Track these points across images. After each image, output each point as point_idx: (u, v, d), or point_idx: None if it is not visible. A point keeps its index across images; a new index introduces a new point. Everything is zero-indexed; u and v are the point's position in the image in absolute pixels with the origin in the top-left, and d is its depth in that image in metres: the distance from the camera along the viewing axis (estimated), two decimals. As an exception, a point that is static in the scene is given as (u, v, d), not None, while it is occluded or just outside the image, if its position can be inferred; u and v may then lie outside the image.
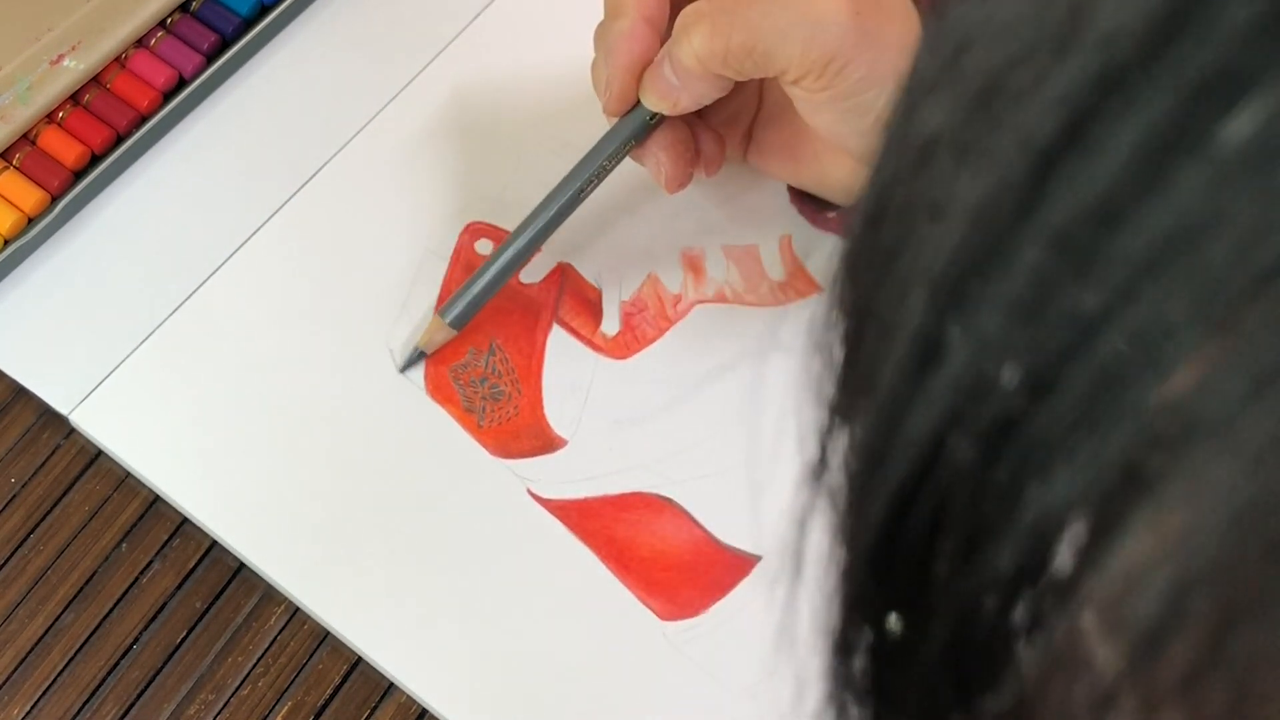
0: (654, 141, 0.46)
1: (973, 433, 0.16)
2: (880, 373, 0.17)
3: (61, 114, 0.52)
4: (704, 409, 0.48)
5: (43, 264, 0.51)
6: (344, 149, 0.53)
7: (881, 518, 0.17)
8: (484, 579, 0.45)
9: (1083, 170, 0.15)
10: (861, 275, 0.18)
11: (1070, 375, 0.15)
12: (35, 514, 0.47)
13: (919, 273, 0.17)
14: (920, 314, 0.16)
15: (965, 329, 0.16)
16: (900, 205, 0.17)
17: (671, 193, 0.47)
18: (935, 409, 0.16)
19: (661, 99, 0.45)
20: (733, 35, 0.42)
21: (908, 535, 0.17)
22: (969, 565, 0.16)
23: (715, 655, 0.44)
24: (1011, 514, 0.16)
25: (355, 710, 0.45)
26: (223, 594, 0.46)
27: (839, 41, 0.41)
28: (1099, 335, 0.15)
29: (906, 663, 0.18)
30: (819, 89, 0.42)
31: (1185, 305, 0.14)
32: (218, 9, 0.55)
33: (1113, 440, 0.15)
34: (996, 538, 0.16)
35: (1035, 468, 0.15)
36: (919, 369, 0.16)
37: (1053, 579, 0.15)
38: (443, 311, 0.47)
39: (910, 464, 0.17)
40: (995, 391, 0.16)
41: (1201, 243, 0.14)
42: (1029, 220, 0.15)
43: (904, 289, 0.17)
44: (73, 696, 0.44)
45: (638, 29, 0.44)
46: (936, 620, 0.17)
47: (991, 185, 0.16)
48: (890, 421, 0.17)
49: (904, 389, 0.17)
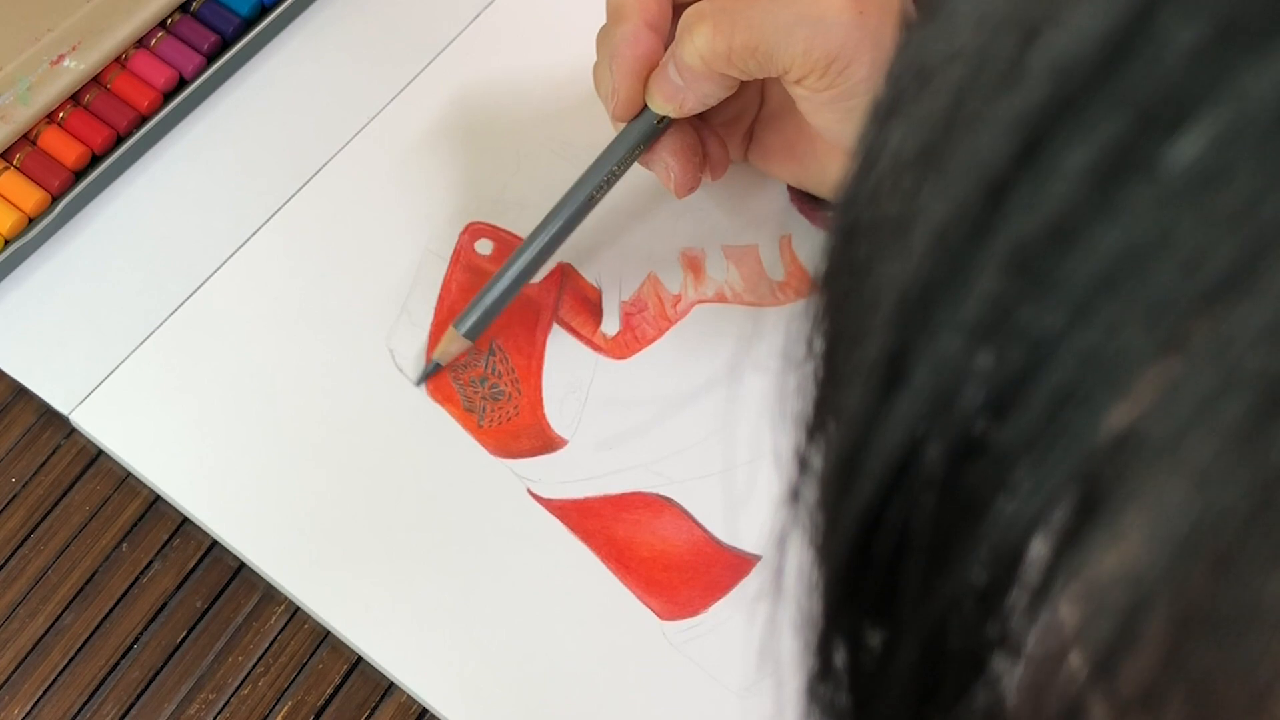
0: (662, 146, 0.46)
1: (938, 451, 0.16)
2: (850, 390, 0.18)
3: (62, 114, 0.52)
4: (704, 409, 0.48)
5: (43, 264, 0.51)
6: (344, 149, 0.53)
7: (853, 534, 0.18)
8: (484, 579, 0.45)
9: (1035, 194, 0.15)
10: (835, 291, 0.18)
11: (1028, 395, 0.15)
12: (35, 514, 0.47)
13: (886, 291, 0.17)
14: (886, 333, 0.17)
15: (927, 349, 0.16)
16: (870, 223, 0.18)
17: (681, 197, 0.47)
18: (901, 427, 0.17)
19: (667, 101, 0.45)
20: (735, 34, 0.42)
21: (879, 551, 0.17)
22: (939, 580, 0.17)
23: (715, 655, 0.44)
24: (977, 530, 0.16)
25: (355, 710, 0.45)
26: (223, 594, 0.46)
27: (841, 41, 0.41)
28: (1054, 356, 0.15)
29: (883, 676, 0.18)
30: (821, 88, 0.42)
31: (1135, 326, 0.14)
32: (218, 9, 0.55)
33: (1068, 460, 0.15)
34: (964, 553, 0.16)
35: (998, 486, 0.16)
36: (885, 387, 0.17)
37: (1020, 593, 0.16)
38: (457, 323, 0.47)
39: (879, 480, 0.17)
40: (958, 410, 0.16)
41: (1149, 264, 0.14)
42: (985, 243, 0.16)
43: (872, 307, 0.17)
44: (73, 696, 0.44)
45: (640, 33, 0.44)
46: (909, 634, 0.17)
47: (950, 208, 0.16)
48: (859, 438, 0.17)
49: (871, 406, 0.17)
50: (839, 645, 0.19)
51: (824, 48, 0.41)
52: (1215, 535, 0.14)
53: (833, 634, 0.19)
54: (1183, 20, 0.14)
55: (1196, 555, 0.14)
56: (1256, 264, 0.14)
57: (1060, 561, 0.15)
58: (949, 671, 0.17)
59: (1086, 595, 0.15)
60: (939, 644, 0.17)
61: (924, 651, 0.17)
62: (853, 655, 0.19)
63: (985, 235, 0.16)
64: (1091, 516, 0.15)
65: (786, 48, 0.42)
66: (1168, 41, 0.14)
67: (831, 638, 0.19)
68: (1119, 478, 0.14)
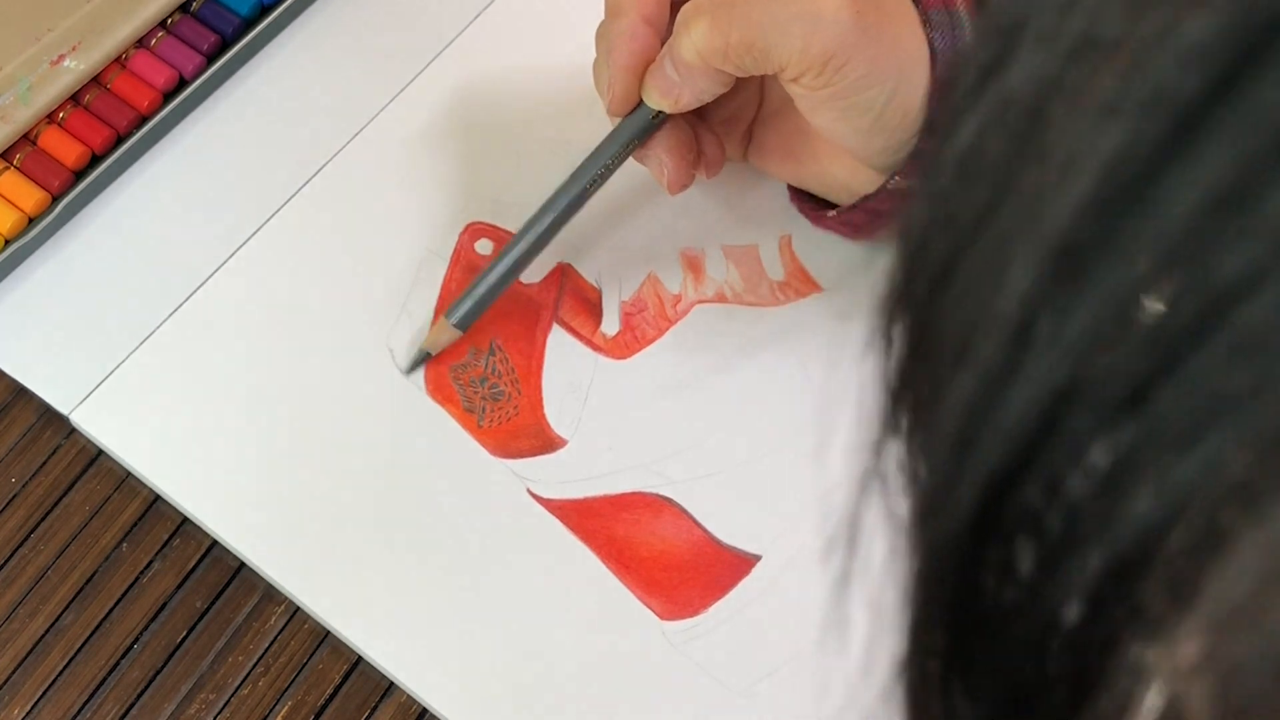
0: (656, 143, 0.46)
1: (1087, 412, 0.14)
2: (972, 346, 0.15)
3: (62, 114, 0.52)
4: (704, 409, 0.48)
5: (43, 264, 0.51)
6: (344, 149, 0.53)
7: (970, 513, 0.16)
8: (484, 579, 0.45)
9: (1231, 126, 0.14)
10: (943, 236, 0.16)
11: (1205, 348, 0.13)
12: (35, 514, 0.47)
13: (1029, 232, 0.15)
14: (1031, 279, 0.15)
15: (1088, 293, 0.14)
16: (997, 160, 0.16)
17: (674, 194, 0.47)
18: (1045, 382, 0.15)
19: (663, 96, 0.45)
20: (733, 30, 0.42)
21: (997, 535, 0.15)
22: (1061, 571, 0.15)
23: (715, 655, 0.44)
24: (1120, 508, 0.14)
25: (355, 710, 0.45)
26: (223, 594, 0.46)
27: (839, 39, 0.41)
28: (1240, 304, 0.13)
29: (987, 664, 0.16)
30: (819, 86, 0.42)
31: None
32: (218, 9, 0.55)
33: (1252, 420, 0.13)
34: (1097, 535, 0.14)
35: (1150, 459, 0.14)
36: (1026, 338, 0.15)
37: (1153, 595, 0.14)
38: (448, 313, 0.47)
39: (1011, 445, 0.15)
40: (1120, 363, 0.14)
41: None
42: (1174, 173, 0.14)
43: (1006, 248, 0.15)
44: (73, 696, 0.44)
45: (638, 29, 0.44)
46: (1020, 620, 0.15)
47: (1127, 137, 0.14)
48: (987, 397, 0.15)
49: (1009, 359, 0.15)
50: (940, 628, 0.17)
51: (821, 45, 0.41)
52: None
53: (935, 613, 0.17)
54: None
55: None
56: None
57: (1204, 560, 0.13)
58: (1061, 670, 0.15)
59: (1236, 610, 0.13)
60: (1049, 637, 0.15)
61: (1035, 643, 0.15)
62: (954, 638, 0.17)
63: (1174, 166, 0.14)
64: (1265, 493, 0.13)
65: (784, 45, 0.42)
66: None
67: (932, 618, 0.17)
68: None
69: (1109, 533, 0.14)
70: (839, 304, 0.50)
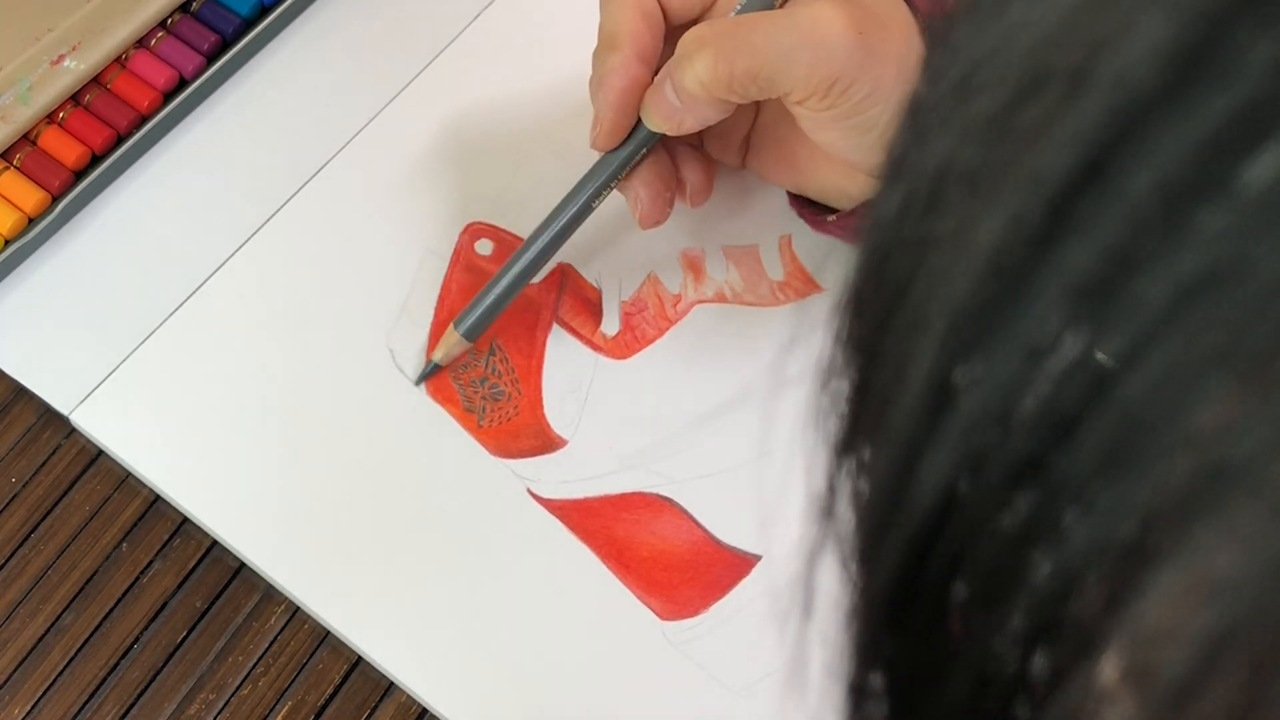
0: (634, 175, 0.46)
1: (989, 479, 0.15)
2: (892, 414, 0.17)
3: (62, 114, 0.52)
4: (704, 409, 0.48)
5: (43, 264, 0.51)
6: (344, 149, 0.53)
7: (896, 564, 0.17)
8: (484, 579, 0.45)
9: (1100, 212, 0.14)
10: (868, 311, 0.18)
11: (1091, 419, 0.14)
12: (35, 514, 0.47)
13: (931, 311, 0.16)
14: (933, 354, 0.16)
15: (981, 369, 0.15)
16: (910, 240, 0.17)
17: (644, 228, 0.47)
18: (950, 453, 0.16)
19: (665, 120, 0.44)
20: (737, 61, 0.42)
21: (923, 583, 0.16)
22: (986, 615, 0.16)
23: (715, 655, 0.44)
24: (1030, 564, 0.15)
25: (355, 710, 0.45)
26: (223, 594, 0.46)
27: (843, 63, 0.41)
28: (1121, 379, 0.14)
29: (923, 709, 0.17)
30: (823, 109, 0.42)
31: (1208, 353, 0.14)
32: (218, 9, 0.55)
33: (1136, 486, 0.14)
34: (1014, 588, 0.15)
35: (1056, 512, 0.15)
36: (932, 411, 0.16)
37: (1075, 626, 0.15)
38: (457, 323, 0.47)
39: (925, 510, 0.16)
40: (1013, 435, 0.15)
41: (1225, 288, 0.13)
42: (1046, 261, 0.15)
43: (915, 327, 0.16)
44: (73, 696, 0.44)
45: (630, 66, 0.44)
46: (956, 662, 0.16)
47: (1007, 224, 0.15)
48: (904, 466, 0.16)
49: (917, 432, 0.16)
50: (876, 677, 0.18)
51: (826, 71, 0.41)
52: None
53: (869, 665, 0.18)
54: (1260, 35, 0.13)
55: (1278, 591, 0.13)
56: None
57: (1123, 594, 0.14)
58: (993, 710, 0.16)
59: (1154, 630, 0.14)
60: (985, 681, 0.16)
61: (969, 687, 0.16)
62: (891, 687, 0.18)
63: (1046, 254, 0.15)
64: (1158, 549, 0.14)
65: (788, 73, 0.41)
66: (1244, 53, 0.13)
67: (867, 669, 0.18)
68: (1191, 508, 0.14)
69: (1018, 591, 0.15)
70: (839, 304, 0.50)
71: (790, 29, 0.42)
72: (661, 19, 0.45)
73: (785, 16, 0.42)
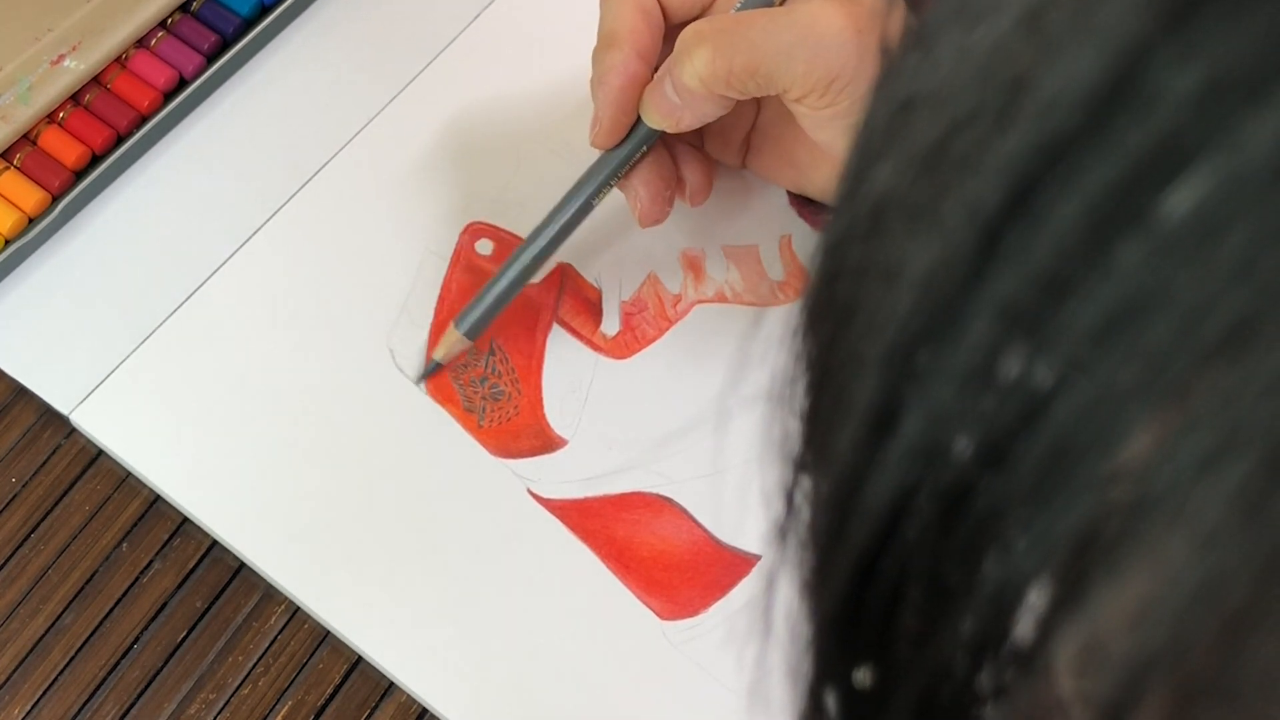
0: (634, 174, 0.46)
1: (929, 503, 0.16)
2: (837, 437, 0.17)
3: (62, 114, 0.52)
4: (704, 408, 0.48)
5: (43, 264, 0.51)
6: (344, 149, 0.53)
7: (844, 583, 0.17)
8: (484, 579, 0.45)
9: (1028, 241, 0.15)
10: (819, 332, 0.18)
11: (1022, 446, 0.15)
12: (35, 514, 0.47)
13: (872, 337, 0.16)
14: (874, 380, 0.16)
15: (917, 398, 0.16)
16: (854, 265, 0.17)
17: (644, 227, 0.47)
18: (891, 478, 0.16)
19: (664, 117, 0.44)
20: (735, 57, 0.42)
21: (872, 601, 0.17)
22: (932, 632, 0.16)
23: (715, 655, 0.44)
24: (971, 583, 0.15)
25: (355, 710, 0.45)
26: (223, 594, 0.46)
27: (842, 61, 0.41)
28: (1049, 407, 0.14)
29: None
30: (822, 106, 0.42)
31: (1133, 380, 0.14)
32: (218, 9, 0.55)
33: (1066, 512, 0.14)
34: (957, 606, 0.16)
35: (992, 538, 0.15)
36: (874, 436, 0.16)
37: (1014, 647, 0.15)
38: (457, 322, 0.47)
39: (870, 531, 0.16)
40: (949, 462, 0.15)
41: (1146, 317, 0.14)
42: (977, 290, 0.15)
43: (857, 352, 0.17)
44: (73, 696, 0.44)
45: (630, 63, 0.44)
46: (902, 683, 0.17)
47: (939, 253, 0.16)
48: (848, 488, 0.17)
49: (860, 456, 0.17)
50: (830, 690, 0.19)
51: (824, 68, 0.41)
52: (1219, 599, 0.13)
53: (824, 679, 0.19)
54: (1178, 68, 0.14)
55: (1203, 615, 0.14)
56: (1258, 320, 0.13)
57: (1056, 618, 0.15)
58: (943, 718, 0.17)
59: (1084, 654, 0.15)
60: (934, 694, 0.16)
61: (918, 701, 0.17)
62: (844, 702, 0.18)
63: (977, 283, 0.15)
64: (1088, 574, 0.14)
65: (787, 69, 0.41)
66: (1162, 89, 0.14)
67: (822, 684, 0.19)
68: (1118, 535, 0.14)
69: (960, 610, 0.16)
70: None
71: (789, 26, 0.42)
72: (661, 17, 0.45)
73: (784, 14, 0.42)
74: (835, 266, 0.18)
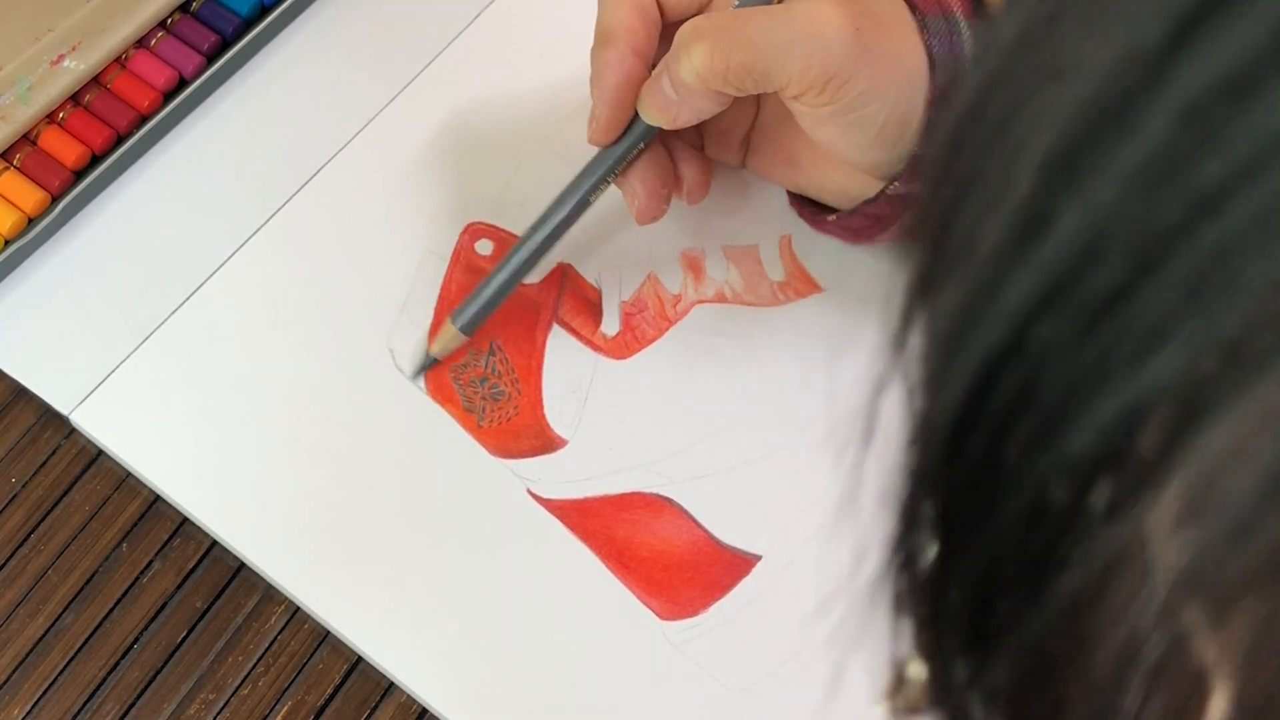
0: (631, 171, 0.46)
1: (1071, 306, 0.16)
2: (981, 239, 0.17)
3: (62, 114, 0.52)
4: (704, 409, 0.48)
5: (43, 264, 0.51)
6: (343, 149, 0.53)
7: (965, 389, 0.17)
8: (484, 579, 0.45)
9: (1221, 39, 0.14)
10: (969, 141, 0.18)
11: (1182, 251, 0.14)
12: (35, 514, 0.47)
13: (1034, 139, 0.16)
14: (1032, 180, 0.16)
15: (1078, 197, 0.15)
16: (1020, 69, 0.17)
17: (641, 224, 0.47)
18: (1036, 279, 0.16)
19: (661, 113, 0.45)
20: (733, 53, 0.42)
21: (989, 409, 0.17)
22: (1049, 445, 0.16)
23: (715, 655, 0.44)
24: (1101, 393, 0.15)
25: (355, 710, 0.45)
26: (223, 594, 0.46)
27: (840, 58, 0.41)
28: (1217, 211, 0.14)
29: (970, 540, 0.18)
30: (820, 104, 0.42)
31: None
32: (218, 9, 0.55)
33: (1222, 317, 0.14)
34: (1082, 418, 0.15)
35: (1132, 346, 0.15)
36: (1023, 237, 0.16)
37: (1136, 462, 0.15)
38: (454, 317, 0.47)
39: (1003, 334, 0.16)
40: (1101, 264, 0.15)
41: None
42: (1158, 87, 0.15)
43: (1016, 155, 0.16)
44: (73, 696, 0.44)
45: (625, 60, 0.44)
46: (1005, 500, 0.17)
47: (1122, 49, 0.15)
48: (987, 290, 0.17)
49: (1006, 257, 0.16)
50: (928, 502, 0.18)
51: (822, 65, 0.41)
52: None
53: (923, 490, 0.18)
54: None
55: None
56: None
57: (1191, 425, 0.15)
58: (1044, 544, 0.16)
59: (1220, 459, 0.14)
60: (1039, 509, 0.16)
61: (1023, 515, 0.16)
62: (945, 512, 0.18)
63: (1159, 79, 0.15)
64: (1234, 376, 0.14)
65: (784, 66, 0.42)
66: None
67: (921, 494, 0.18)
68: (1273, 338, 0.14)
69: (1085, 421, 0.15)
70: (839, 304, 0.50)
71: (787, 23, 0.42)
72: (658, 15, 0.46)
73: (782, 11, 0.42)
74: (999, 72, 0.17)
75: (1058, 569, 0.16)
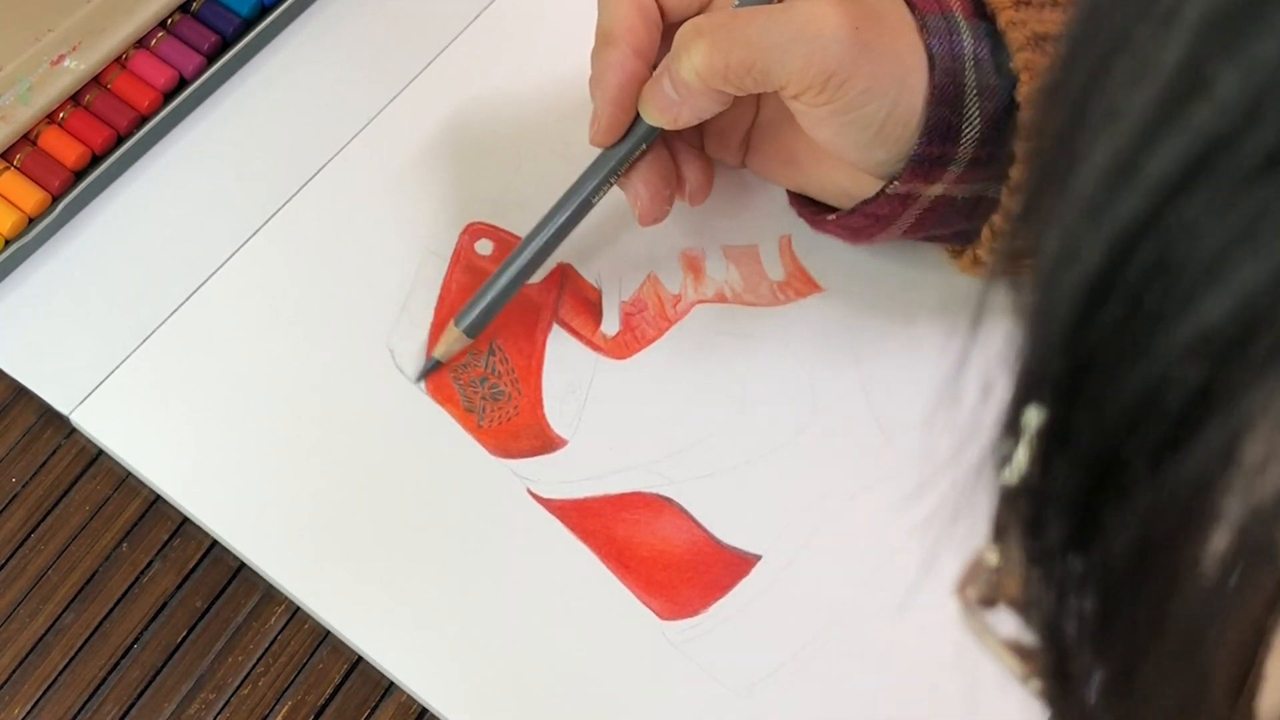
0: (634, 172, 0.46)
1: (1224, 172, 0.15)
2: (1126, 109, 0.17)
3: (62, 114, 0.52)
4: (704, 409, 0.48)
5: (43, 264, 0.51)
6: (344, 149, 0.53)
7: (1104, 258, 0.17)
8: (484, 579, 0.45)
9: None
10: (1116, 7, 0.17)
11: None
12: (36, 514, 0.47)
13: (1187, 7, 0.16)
14: (1188, 42, 0.16)
15: (1237, 59, 0.15)
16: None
17: (644, 225, 0.47)
18: (1189, 143, 0.16)
19: (662, 113, 0.45)
20: (732, 52, 0.42)
21: (1127, 278, 0.16)
22: (1186, 315, 0.16)
23: (715, 655, 0.44)
24: (1247, 261, 0.15)
25: (355, 710, 0.45)
26: (223, 594, 0.46)
27: (839, 57, 0.41)
28: None
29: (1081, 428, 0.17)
30: (820, 104, 0.42)
31: None
32: (218, 9, 0.55)
33: None
34: (1223, 285, 0.15)
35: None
36: (1176, 102, 0.16)
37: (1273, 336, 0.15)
38: (457, 320, 0.48)
39: (1147, 202, 0.16)
40: (1259, 126, 0.15)
41: None
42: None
43: (1170, 18, 0.16)
44: (73, 696, 0.44)
45: (626, 61, 0.44)
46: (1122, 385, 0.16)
47: None
48: (1131, 158, 0.16)
49: (1155, 123, 0.16)
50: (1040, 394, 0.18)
51: (821, 64, 0.41)
52: None
53: (1037, 380, 0.18)
54: None
55: None
56: None
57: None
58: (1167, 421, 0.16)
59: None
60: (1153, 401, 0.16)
61: (1151, 392, 0.16)
62: (1056, 410, 0.18)
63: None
64: None
65: (783, 65, 0.42)
66: None
67: (1034, 385, 0.18)
68: None
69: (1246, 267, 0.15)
70: (839, 304, 0.50)
71: (786, 23, 0.42)
72: (659, 16, 0.46)
73: (782, 11, 0.42)
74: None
75: (1180, 446, 0.16)
